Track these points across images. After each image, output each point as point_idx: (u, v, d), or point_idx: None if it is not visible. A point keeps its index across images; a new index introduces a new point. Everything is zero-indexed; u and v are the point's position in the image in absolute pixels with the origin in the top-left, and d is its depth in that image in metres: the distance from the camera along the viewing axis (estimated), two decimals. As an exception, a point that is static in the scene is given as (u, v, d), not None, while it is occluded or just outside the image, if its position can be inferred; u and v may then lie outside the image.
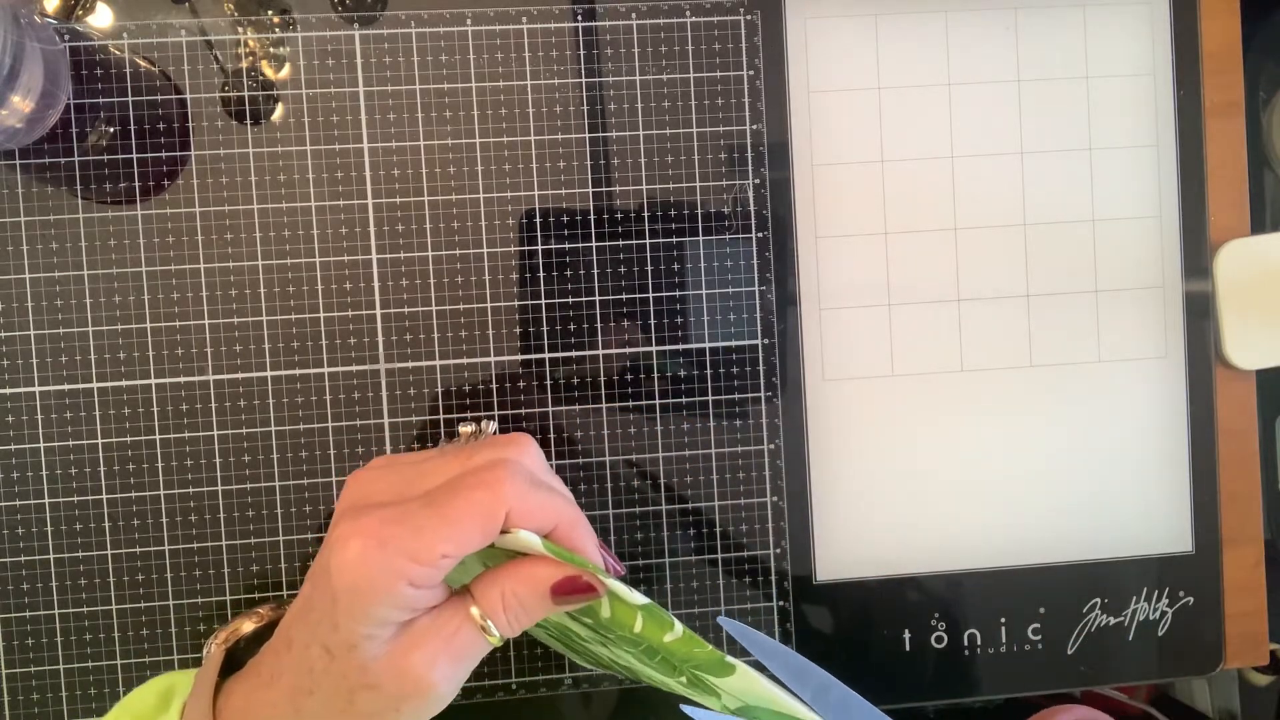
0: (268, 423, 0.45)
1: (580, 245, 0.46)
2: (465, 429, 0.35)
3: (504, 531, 0.30)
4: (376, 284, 0.45)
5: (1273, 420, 0.51)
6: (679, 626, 0.32)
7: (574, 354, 0.46)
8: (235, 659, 0.34)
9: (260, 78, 0.45)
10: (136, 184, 0.44)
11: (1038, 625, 0.48)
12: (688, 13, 0.46)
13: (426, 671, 0.29)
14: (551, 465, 0.46)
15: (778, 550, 0.47)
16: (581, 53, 0.46)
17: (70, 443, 0.44)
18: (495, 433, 0.35)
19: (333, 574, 0.28)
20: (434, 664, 0.29)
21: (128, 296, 0.44)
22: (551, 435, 0.46)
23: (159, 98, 0.44)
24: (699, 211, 0.46)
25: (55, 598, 0.44)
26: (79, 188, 0.44)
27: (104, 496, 0.44)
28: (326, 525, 0.45)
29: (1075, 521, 0.48)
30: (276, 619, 0.35)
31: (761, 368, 0.47)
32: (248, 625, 0.35)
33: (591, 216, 0.46)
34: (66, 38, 0.44)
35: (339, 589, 0.28)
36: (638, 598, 0.32)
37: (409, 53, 0.45)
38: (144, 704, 0.33)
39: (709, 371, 0.46)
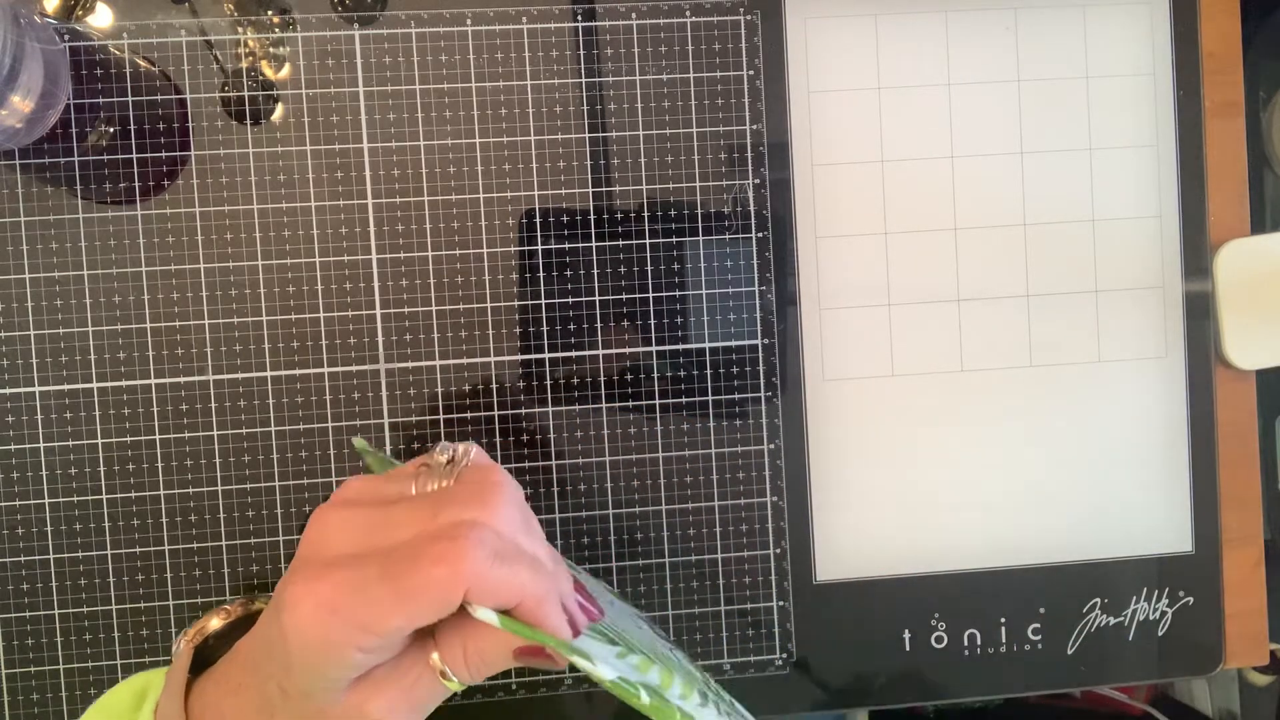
0: (268, 423, 0.45)
1: (580, 245, 0.46)
2: (441, 456, 0.32)
3: (463, 604, 0.29)
4: (376, 284, 0.45)
5: (1273, 420, 0.51)
6: (645, 698, 0.31)
7: (574, 354, 0.46)
8: (204, 655, 0.34)
9: (260, 78, 0.45)
10: (136, 184, 0.44)
11: (1038, 625, 0.48)
12: (688, 13, 0.46)
13: (384, 718, 0.29)
14: (550, 467, 0.46)
15: (778, 550, 0.47)
16: (581, 53, 0.46)
17: (70, 443, 0.44)
18: (475, 457, 0.33)
19: (286, 632, 0.28)
20: (392, 712, 0.29)
21: (128, 296, 0.44)
22: (551, 435, 0.46)
23: (159, 98, 0.44)
24: (699, 211, 0.46)
25: (55, 598, 0.44)
26: (79, 188, 0.44)
27: (104, 496, 0.44)
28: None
29: (1075, 521, 0.48)
30: (245, 615, 0.35)
31: (761, 368, 0.47)
32: (216, 622, 0.35)
33: (591, 216, 0.46)
34: (66, 38, 0.44)
35: (291, 647, 0.28)
36: (605, 671, 0.30)
37: (409, 53, 0.45)
38: (119, 703, 0.33)
39: (709, 371, 0.46)
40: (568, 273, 0.46)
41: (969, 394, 0.48)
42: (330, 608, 0.28)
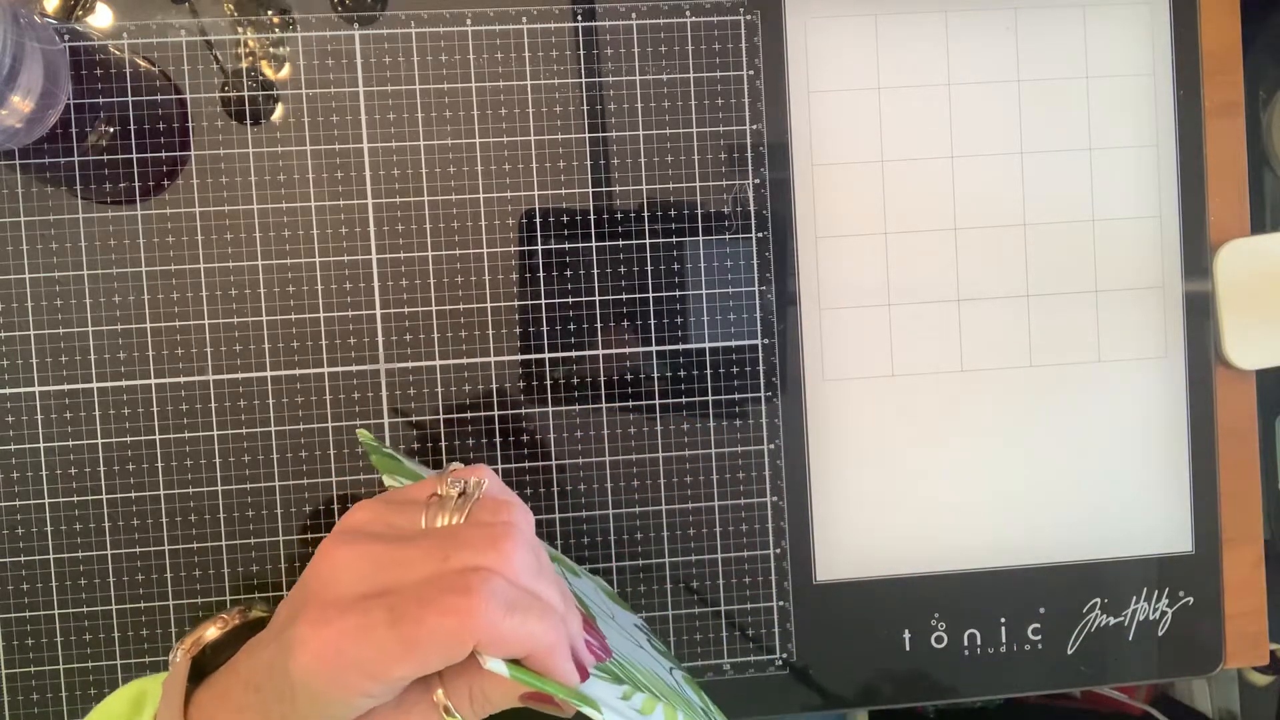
0: (268, 423, 0.45)
1: (580, 245, 0.46)
2: (453, 489, 0.31)
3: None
4: (376, 284, 0.45)
5: (1273, 420, 0.51)
6: None
7: (574, 354, 0.46)
8: (201, 663, 0.34)
9: (260, 78, 0.45)
10: (136, 184, 0.44)
11: (1038, 625, 0.48)
12: (688, 13, 0.46)
13: None
14: (550, 467, 0.46)
15: (778, 550, 0.47)
16: (581, 53, 0.46)
17: (70, 443, 0.44)
18: (488, 488, 0.32)
19: (291, 673, 0.28)
20: None
21: (128, 296, 0.44)
22: (551, 435, 0.46)
23: (159, 98, 0.44)
24: (699, 211, 0.46)
25: (55, 598, 0.44)
26: (79, 188, 0.44)
27: (104, 496, 0.44)
28: (324, 529, 0.45)
29: (1075, 521, 0.48)
30: (243, 624, 0.35)
31: (761, 368, 0.47)
32: (213, 631, 0.34)
33: (591, 216, 0.46)
34: (66, 38, 0.44)
35: (296, 687, 0.28)
36: (610, 719, 0.30)
37: (409, 53, 0.45)
38: (116, 712, 0.33)
39: (709, 371, 0.46)
40: (568, 273, 0.46)
41: (969, 394, 0.48)
42: (337, 653, 0.27)
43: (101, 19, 0.44)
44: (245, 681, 0.31)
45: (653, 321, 0.46)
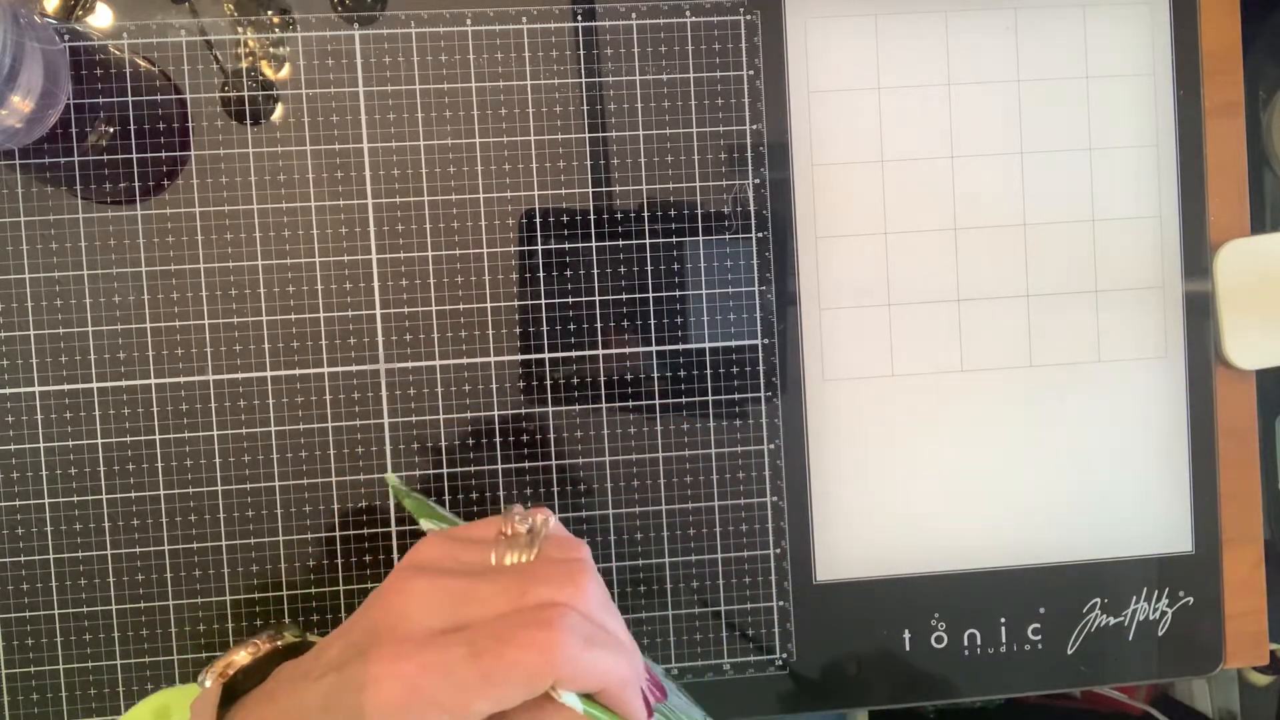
0: (268, 423, 0.45)
1: (580, 245, 0.46)
2: (521, 525, 0.32)
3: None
4: (376, 284, 0.45)
5: (1273, 420, 0.51)
6: None
7: (574, 354, 0.46)
8: (229, 687, 0.33)
9: (260, 78, 0.45)
10: (136, 184, 0.44)
11: (1038, 625, 0.48)
12: (688, 13, 0.46)
13: None
14: (550, 467, 0.46)
15: (778, 550, 0.47)
16: (581, 53, 0.46)
17: (70, 443, 0.44)
18: (553, 528, 0.33)
19: (364, 708, 0.28)
20: None
21: (128, 296, 0.44)
22: (551, 435, 0.46)
23: (159, 98, 0.44)
24: (699, 211, 0.46)
25: (55, 598, 0.44)
26: (79, 188, 0.44)
27: (104, 496, 0.44)
28: (324, 529, 0.45)
29: (1075, 521, 0.48)
30: (272, 651, 0.34)
31: (761, 368, 0.47)
32: (244, 656, 0.34)
33: (591, 216, 0.46)
34: (66, 38, 0.44)
35: None
36: None
37: (409, 53, 0.45)
38: None
39: (709, 371, 0.46)
40: (568, 273, 0.46)
41: (969, 394, 0.48)
42: (415, 690, 0.27)
43: (101, 19, 0.44)
44: (285, 712, 0.30)
45: (653, 321, 0.46)
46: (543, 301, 0.46)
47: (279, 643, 0.35)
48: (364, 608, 0.31)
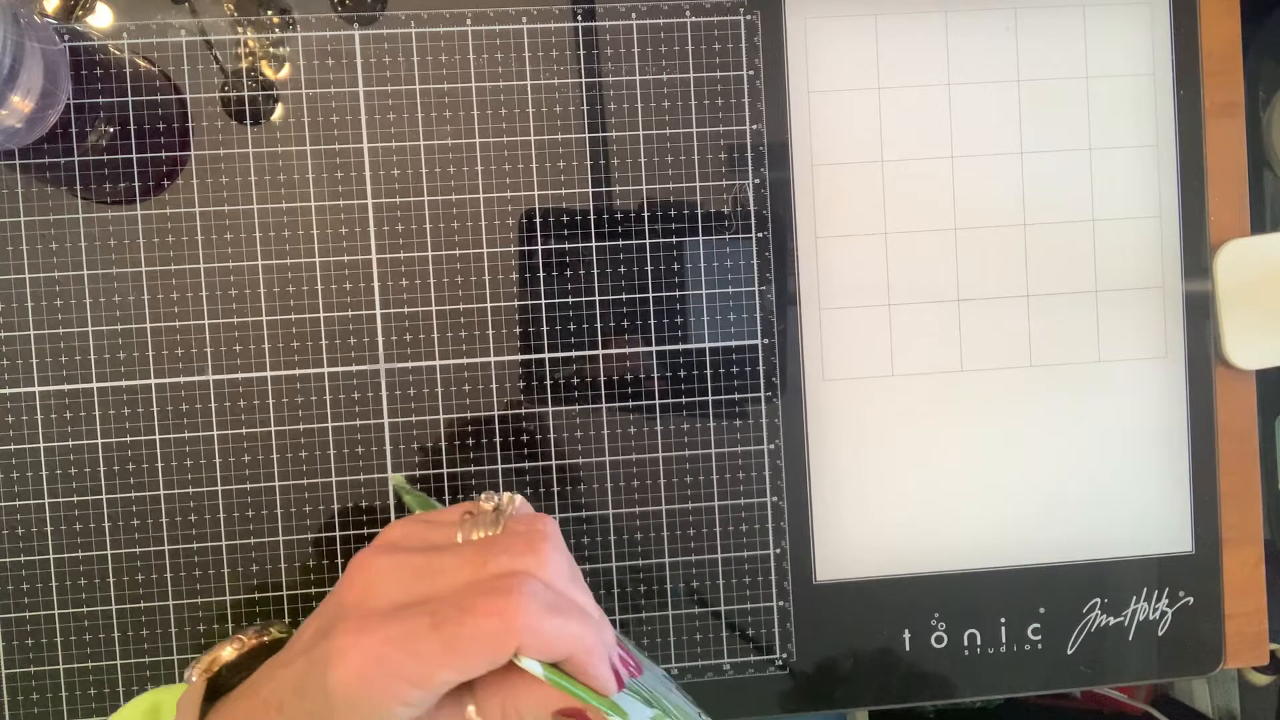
0: (268, 423, 0.45)
1: (580, 245, 0.46)
2: (487, 504, 0.32)
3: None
4: (376, 284, 0.45)
5: (1273, 420, 0.51)
6: None
7: (574, 354, 0.46)
8: (215, 685, 0.33)
9: (260, 78, 0.45)
10: (136, 184, 0.44)
11: (1038, 625, 0.48)
12: (688, 13, 0.46)
13: None
14: (550, 467, 0.46)
15: (778, 550, 0.47)
16: (581, 53, 0.46)
17: (70, 443, 0.44)
18: (520, 507, 0.33)
19: (330, 685, 0.28)
20: None
21: (128, 296, 0.44)
22: (551, 435, 0.46)
23: (159, 98, 0.44)
24: (699, 211, 0.46)
25: (55, 598, 0.44)
26: (79, 188, 0.44)
27: (104, 496, 0.44)
28: (324, 529, 0.45)
29: (1075, 521, 0.48)
30: (258, 646, 0.35)
31: (761, 368, 0.47)
32: (228, 652, 0.34)
33: (591, 216, 0.46)
34: (66, 38, 0.44)
35: (335, 701, 0.28)
36: None
37: (409, 53, 0.45)
38: None
39: (709, 371, 0.46)
40: (568, 273, 0.46)
41: (969, 394, 0.48)
42: (378, 661, 0.27)
43: (101, 19, 0.44)
44: (266, 702, 0.30)
45: (653, 321, 0.46)
46: (543, 301, 0.46)
47: (265, 638, 0.35)
48: (332, 590, 0.31)
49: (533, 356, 0.46)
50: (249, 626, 0.35)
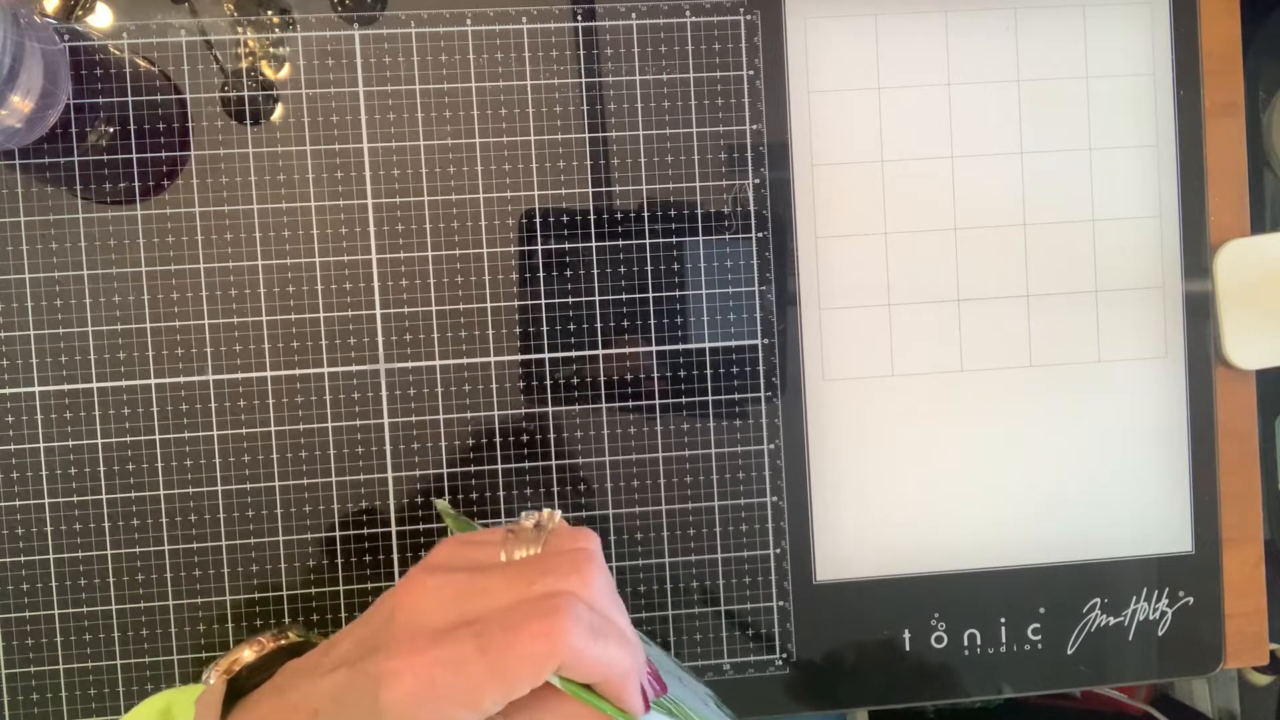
0: (268, 423, 0.45)
1: (580, 245, 0.46)
2: (527, 521, 0.33)
3: None
4: (376, 284, 0.45)
5: (1273, 420, 0.51)
6: None
7: (574, 354, 0.46)
8: (234, 686, 0.34)
9: (260, 78, 0.45)
10: (136, 184, 0.44)
11: (1038, 625, 0.48)
12: (688, 13, 0.46)
13: None
14: (550, 467, 0.46)
15: (778, 550, 0.47)
16: (581, 53, 0.46)
17: (70, 443, 0.44)
18: (560, 521, 0.33)
19: (382, 705, 0.28)
20: None
21: (128, 296, 0.44)
22: (551, 435, 0.46)
23: (159, 98, 0.44)
24: (699, 211, 0.46)
25: (55, 598, 0.44)
26: (79, 188, 0.44)
27: (104, 496, 0.44)
28: (324, 529, 0.45)
29: (1075, 521, 0.48)
30: (277, 649, 0.35)
31: (761, 368, 0.47)
32: (249, 654, 0.35)
33: (591, 216, 0.46)
34: (66, 38, 0.44)
35: (385, 716, 0.28)
36: None
37: (409, 53, 0.45)
38: None
39: (709, 371, 0.46)
40: (568, 273, 0.46)
41: (969, 394, 0.48)
42: (429, 684, 0.28)
43: (101, 19, 0.44)
44: (296, 708, 0.31)
45: (653, 321, 0.46)
46: (543, 301, 0.46)
47: (283, 641, 0.35)
48: (376, 606, 0.31)
49: (533, 356, 0.46)
50: (266, 629, 0.35)
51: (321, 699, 0.30)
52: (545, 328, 0.46)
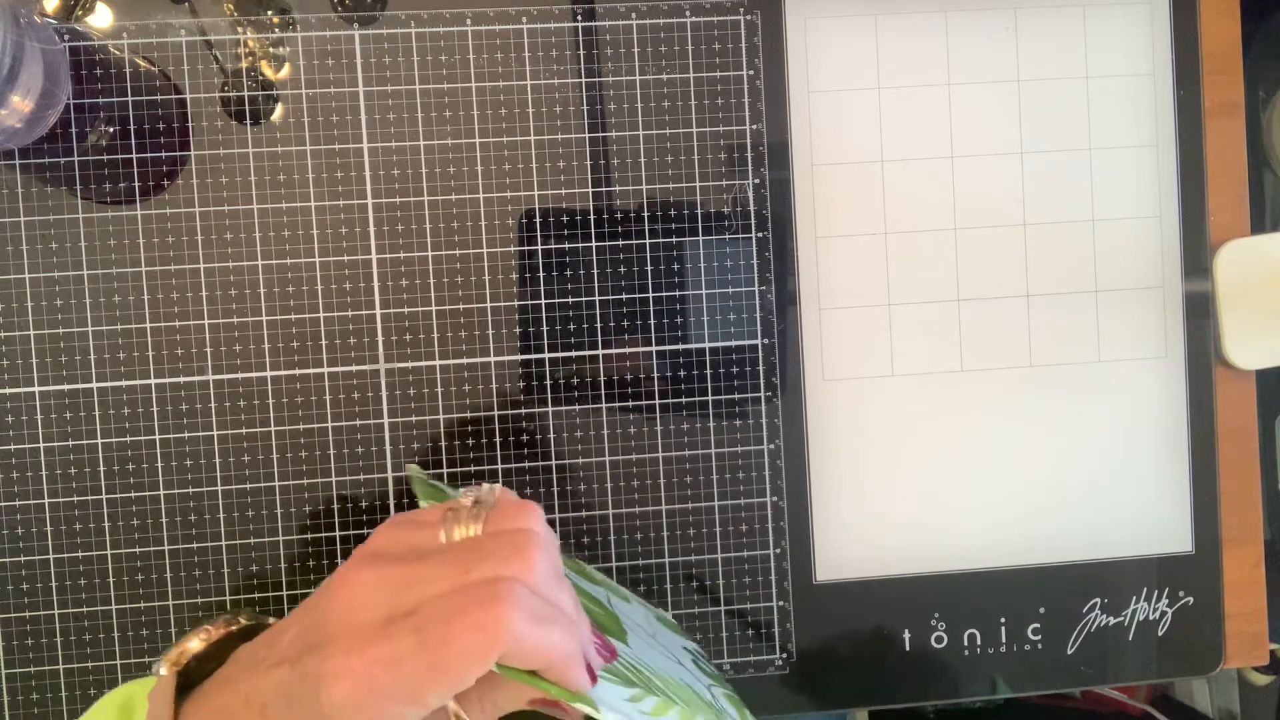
0: (268, 423, 0.45)
1: (580, 245, 0.46)
2: (466, 500, 0.31)
3: None
4: (376, 284, 0.45)
5: (1273, 420, 0.51)
6: None
7: (574, 354, 0.46)
8: (185, 675, 0.33)
9: (260, 78, 0.45)
10: (136, 184, 0.44)
11: (1038, 625, 0.48)
12: (688, 13, 0.46)
13: None
14: (550, 467, 0.46)
15: (778, 550, 0.47)
16: (581, 53, 0.46)
17: (70, 443, 0.44)
18: (498, 496, 0.33)
19: (323, 704, 0.28)
20: None
21: (128, 296, 0.44)
22: (551, 435, 0.46)
23: (159, 98, 0.44)
24: (699, 211, 0.46)
25: (55, 598, 0.44)
26: (79, 188, 0.44)
27: (104, 496, 0.44)
28: (324, 529, 0.45)
29: (1075, 521, 0.48)
30: (226, 635, 0.34)
31: (761, 368, 0.47)
32: (195, 644, 0.34)
33: (591, 216, 0.46)
34: (66, 38, 0.44)
35: (329, 717, 0.28)
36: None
37: (409, 53, 0.45)
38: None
39: (709, 371, 0.46)
40: (568, 273, 0.46)
41: (969, 394, 0.48)
42: (368, 684, 0.27)
43: (101, 19, 0.44)
44: (247, 700, 0.30)
45: (653, 321, 0.46)
46: (543, 301, 0.46)
47: (233, 627, 0.35)
48: (316, 596, 0.31)
49: (533, 356, 0.46)
50: (217, 616, 0.35)
51: (269, 694, 0.30)
52: (545, 328, 0.46)
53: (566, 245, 0.46)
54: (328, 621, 0.29)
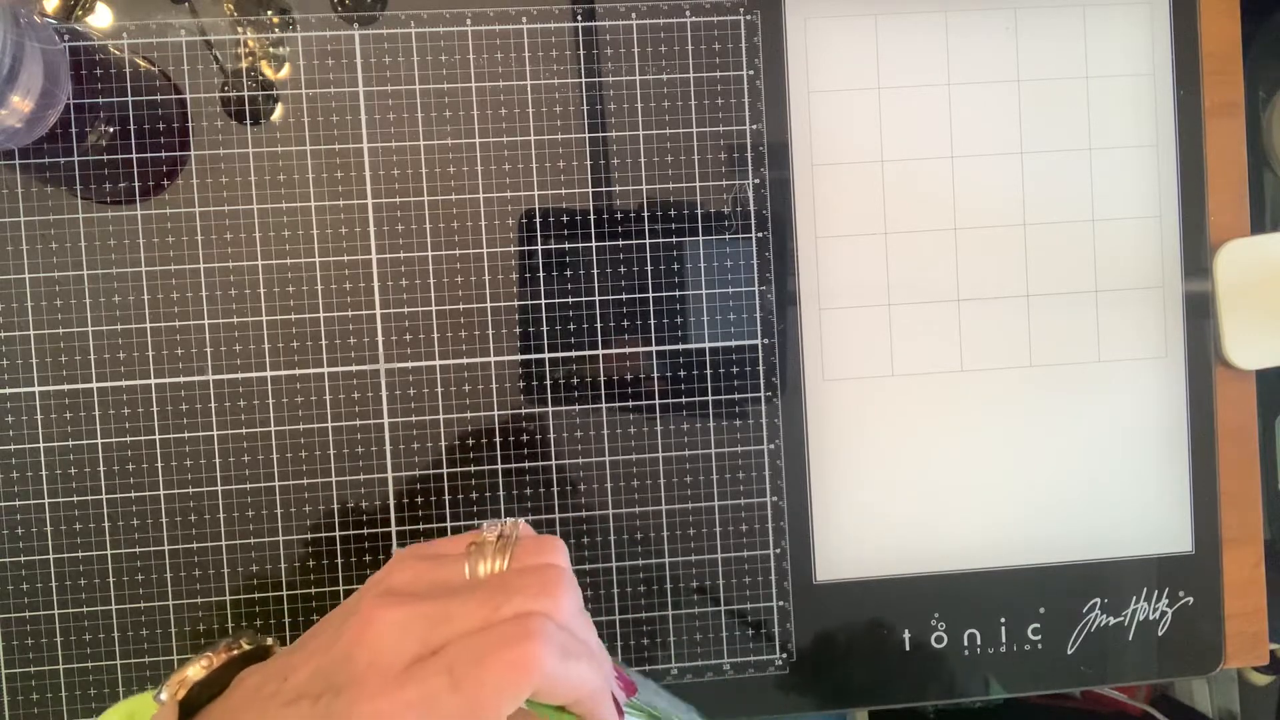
0: (268, 423, 0.45)
1: (580, 245, 0.46)
2: (490, 535, 0.31)
3: None
4: (376, 284, 0.45)
5: (1273, 420, 0.51)
6: None
7: (574, 354, 0.46)
8: (187, 701, 0.33)
9: (260, 78, 0.45)
10: (136, 184, 0.44)
11: (1038, 625, 0.48)
12: (688, 13, 0.46)
13: None
14: (550, 467, 0.46)
15: (778, 550, 0.47)
16: (581, 53, 0.46)
17: (70, 443, 0.44)
18: (523, 531, 0.32)
19: None
20: None
21: (128, 296, 0.44)
22: (551, 435, 0.46)
23: (159, 98, 0.44)
24: (699, 211, 0.46)
25: (55, 598, 0.44)
26: (79, 188, 0.44)
27: (104, 496, 0.44)
28: (324, 529, 0.45)
29: (1075, 521, 0.48)
30: (228, 661, 0.34)
31: (761, 368, 0.47)
32: (196, 671, 0.34)
33: (591, 216, 0.46)
34: (66, 38, 0.44)
35: None
36: None
37: (409, 53, 0.45)
38: None
39: (709, 371, 0.46)
40: (568, 273, 0.46)
41: (969, 394, 0.48)
42: None
43: (101, 19, 0.44)
44: None
45: (653, 321, 0.46)
46: (543, 301, 0.46)
47: (235, 651, 0.34)
48: (335, 633, 0.30)
49: (533, 356, 0.46)
50: (218, 641, 0.35)
51: None
52: (545, 328, 0.46)
53: (566, 245, 0.46)
54: (354, 661, 0.29)
